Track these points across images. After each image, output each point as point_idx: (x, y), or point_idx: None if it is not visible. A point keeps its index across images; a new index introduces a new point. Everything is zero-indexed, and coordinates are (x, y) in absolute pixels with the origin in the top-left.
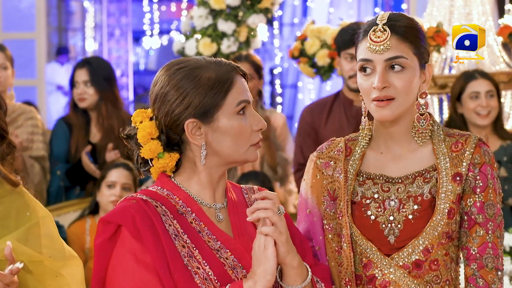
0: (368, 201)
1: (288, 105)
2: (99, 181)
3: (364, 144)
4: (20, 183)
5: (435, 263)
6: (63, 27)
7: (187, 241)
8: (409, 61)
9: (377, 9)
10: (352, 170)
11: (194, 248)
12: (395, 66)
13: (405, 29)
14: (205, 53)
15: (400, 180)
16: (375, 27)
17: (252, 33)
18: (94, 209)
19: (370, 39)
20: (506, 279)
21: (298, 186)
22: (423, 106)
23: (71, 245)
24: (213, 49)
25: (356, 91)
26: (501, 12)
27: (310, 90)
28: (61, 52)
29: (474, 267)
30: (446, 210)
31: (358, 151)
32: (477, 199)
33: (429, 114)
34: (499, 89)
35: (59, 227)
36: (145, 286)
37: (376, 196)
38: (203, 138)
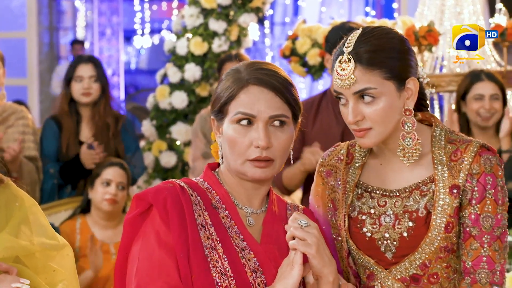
0: (364, 217)
1: None
2: (92, 179)
3: (363, 153)
4: (5, 180)
5: (435, 276)
6: (54, 26)
7: (213, 234)
8: (379, 89)
9: (367, 8)
10: (351, 181)
11: (218, 242)
12: (365, 97)
13: (371, 55)
14: (196, 52)
15: (397, 193)
16: (341, 57)
17: (243, 32)
18: (85, 208)
19: (336, 71)
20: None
21: (275, 182)
22: (408, 124)
23: None
24: (204, 48)
25: None
26: (492, 12)
27: (301, 89)
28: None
29: (468, 282)
30: (443, 225)
31: (359, 159)
32: (472, 211)
33: (431, 115)
34: (504, 92)
35: (53, 227)
36: (161, 268)
37: (372, 211)
38: (220, 137)
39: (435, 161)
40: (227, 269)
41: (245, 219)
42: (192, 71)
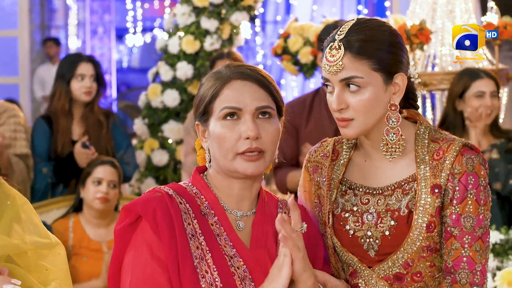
0: (347, 215)
1: None
2: (83, 178)
3: (348, 150)
4: None
5: (418, 275)
6: (46, 25)
7: (202, 243)
8: (365, 79)
9: (360, 7)
10: (335, 178)
11: (208, 251)
12: (351, 86)
13: (362, 44)
14: (188, 50)
15: (380, 191)
16: (332, 43)
17: (235, 31)
18: (78, 206)
19: (326, 57)
20: (489, 275)
21: (277, 183)
22: (392, 119)
23: None
24: (196, 46)
25: None
26: (484, 10)
27: (293, 88)
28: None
29: (448, 281)
30: (424, 225)
31: (344, 156)
32: (453, 211)
33: (416, 113)
34: (499, 89)
35: (46, 226)
36: (153, 281)
37: (355, 209)
38: (206, 142)
39: (418, 160)
40: (217, 280)
41: (234, 224)
42: (184, 70)
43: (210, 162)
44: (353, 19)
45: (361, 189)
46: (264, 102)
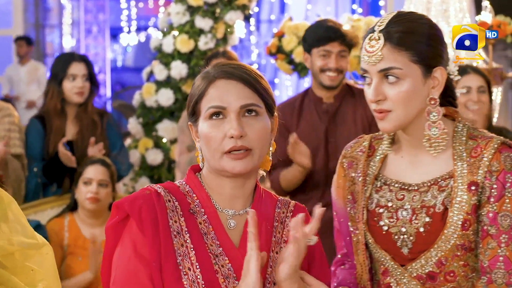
0: (381, 210)
1: None
2: (76, 177)
3: (386, 145)
4: None
5: (451, 274)
6: (41, 24)
7: (187, 240)
8: (404, 71)
9: (354, 6)
10: (371, 173)
11: (192, 249)
12: (389, 77)
13: (402, 36)
14: (182, 50)
15: (416, 188)
16: (371, 34)
17: (229, 30)
18: (74, 206)
19: (365, 48)
20: None
21: (271, 185)
22: (433, 114)
23: (49, 241)
24: (190, 45)
25: (328, 88)
26: (478, 9)
27: (288, 87)
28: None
29: (484, 281)
30: (460, 222)
31: (380, 152)
32: (490, 209)
33: (455, 111)
34: (490, 86)
35: (38, 225)
36: (135, 278)
37: (390, 204)
38: (199, 142)
39: (455, 157)
40: (199, 277)
41: (225, 223)
42: (178, 69)
43: (203, 161)
44: (393, 12)
45: (396, 185)
46: (249, 100)
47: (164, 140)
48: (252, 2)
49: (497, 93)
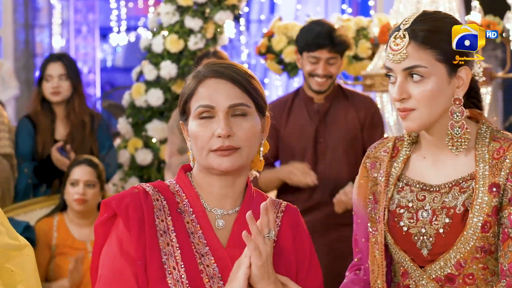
0: (402, 211)
1: None
2: (64, 178)
3: (408, 146)
4: None
5: (470, 277)
6: (30, 24)
7: (173, 240)
8: (429, 69)
9: (344, 6)
10: (394, 174)
11: (177, 248)
12: (414, 76)
13: (427, 34)
14: (172, 50)
15: (437, 189)
16: (396, 33)
17: (219, 30)
18: (64, 206)
19: (390, 46)
20: None
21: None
22: (457, 113)
23: (38, 241)
24: (180, 45)
25: (317, 92)
26: (467, 9)
27: (278, 87)
28: None
29: (503, 284)
30: (480, 224)
31: (403, 153)
32: (511, 211)
33: (479, 113)
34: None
35: (28, 226)
36: (120, 276)
37: (410, 205)
38: (190, 141)
39: (478, 158)
40: (183, 276)
41: (214, 222)
42: (168, 69)
43: (193, 161)
44: (418, 12)
45: (417, 186)
46: (238, 99)
47: (154, 140)
48: (242, 2)
49: (487, 93)
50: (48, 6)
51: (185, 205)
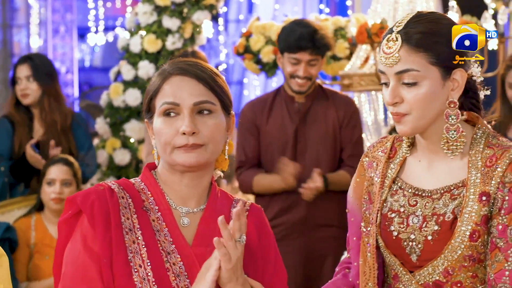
0: (393, 215)
1: (233, 101)
2: (40, 178)
3: (405, 148)
4: None
5: (458, 285)
6: (7, 24)
7: (139, 238)
8: (422, 73)
9: (322, 6)
10: (389, 176)
11: (143, 246)
12: (407, 79)
13: (421, 37)
14: (149, 50)
15: (429, 194)
16: (389, 35)
17: (197, 30)
18: (40, 206)
19: (382, 49)
20: None
21: (240, 184)
22: (452, 116)
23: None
24: (158, 45)
25: (297, 93)
26: (445, 9)
27: (256, 87)
28: None
29: None
30: (468, 233)
31: (400, 154)
32: (500, 221)
33: (477, 117)
34: None
35: (9, 227)
36: (85, 273)
37: (402, 210)
38: (154, 138)
39: (470, 165)
40: (149, 274)
41: (179, 220)
42: (146, 69)
43: (158, 159)
44: (412, 13)
45: (410, 190)
46: (202, 97)
47: (132, 140)
48: (220, 2)
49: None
50: (26, 6)
51: (151, 203)
